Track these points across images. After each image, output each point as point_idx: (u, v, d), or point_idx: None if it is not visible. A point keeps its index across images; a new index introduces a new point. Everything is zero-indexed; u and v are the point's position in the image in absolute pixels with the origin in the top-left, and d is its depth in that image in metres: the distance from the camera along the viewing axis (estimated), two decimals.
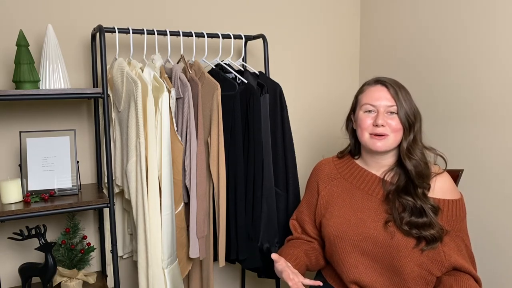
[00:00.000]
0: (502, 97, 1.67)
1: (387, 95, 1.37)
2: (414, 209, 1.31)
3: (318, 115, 2.31)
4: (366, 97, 1.40)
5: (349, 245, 1.38)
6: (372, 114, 1.38)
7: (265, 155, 1.72)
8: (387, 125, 1.35)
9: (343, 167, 1.51)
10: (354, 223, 1.38)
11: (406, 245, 1.31)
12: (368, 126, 1.38)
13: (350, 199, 1.43)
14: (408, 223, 1.31)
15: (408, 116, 1.35)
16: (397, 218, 1.32)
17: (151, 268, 1.52)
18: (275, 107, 1.77)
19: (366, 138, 1.39)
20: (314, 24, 2.25)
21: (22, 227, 1.62)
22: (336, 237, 1.41)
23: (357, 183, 1.45)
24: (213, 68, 1.79)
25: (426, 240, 1.29)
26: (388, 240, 1.32)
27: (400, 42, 2.11)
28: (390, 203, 1.36)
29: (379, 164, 1.44)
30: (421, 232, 1.29)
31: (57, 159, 1.59)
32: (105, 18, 1.76)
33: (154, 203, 1.52)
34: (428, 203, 1.32)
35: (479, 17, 1.73)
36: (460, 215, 1.36)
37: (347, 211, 1.42)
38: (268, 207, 1.73)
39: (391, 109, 1.36)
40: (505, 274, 1.69)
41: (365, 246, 1.35)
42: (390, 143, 1.36)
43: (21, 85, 1.45)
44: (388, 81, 1.39)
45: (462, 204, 1.38)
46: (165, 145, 1.54)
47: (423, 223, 1.29)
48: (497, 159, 1.70)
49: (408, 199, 1.32)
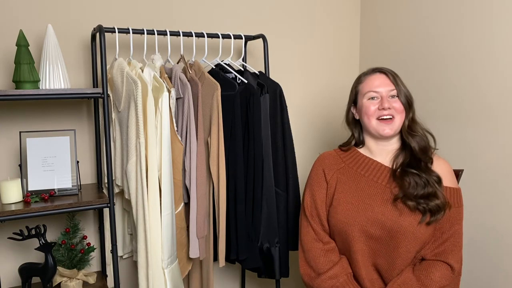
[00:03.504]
0: (502, 97, 1.67)
1: (387, 80, 1.46)
2: (419, 182, 1.39)
3: (318, 115, 2.31)
4: (368, 85, 1.48)
5: (357, 231, 1.41)
6: (376, 100, 1.46)
7: (265, 155, 1.72)
8: (392, 107, 1.44)
9: (347, 157, 1.54)
10: (362, 208, 1.42)
11: (410, 225, 1.36)
12: (374, 111, 1.45)
13: (356, 186, 1.47)
14: (415, 196, 1.37)
15: (407, 98, 1.46)
16: (406, 194, 1.38)
17: (151, 268, 1.52)
18: (275, 107, 1.77)
19: (374, 124, 1.45)
20: (314, 24, 2.25)
21: (22, 227, 1.62)
22: (345, 224, 1.43)
23: (362, 171, 1.49)
24: (213, 68, 1.79)
25: (431, 212, 1.36)
26: (395, 221, 1.37)
27: (399, 42, 2.11)
28: (397, 180, 1.42)
29: (385, 150, 1.49)
30: (427, 204, 1.35)
31: (57, 159, 1.59)
32: (105, 18, 1.75)
33: (154, 203, 1.52)
34: (433, 175, 1.40)
35: (479, 17, 1.73)
36: (461, 204, 1.43)
37: (354, 197, 1.45)
38: (268, 207, 1.73)
39: (392, 93, 1.45)
40: (505, 274, 1.69)
41: (373, 231, 1.39)
42: (397, 125, 1.44)
43: (21, 85, 1.45)
44: (386, 69, 1.50)
45: (460, 194, 1.44)
46: (165, 145, 1.54)
47: (428, 193, 1.37)
48: (497, 159, 1.69)
49: (414, 172, 1.40)
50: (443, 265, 1.38)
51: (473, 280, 1.80)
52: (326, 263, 1.46)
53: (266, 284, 2.23)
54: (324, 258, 1.47)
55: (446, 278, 1.36)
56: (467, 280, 1.78)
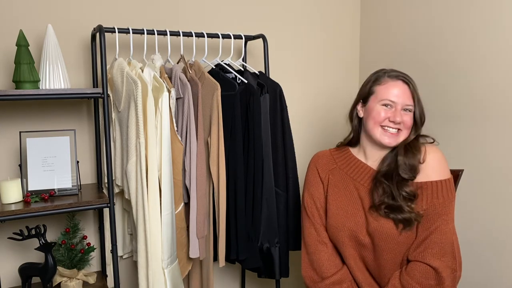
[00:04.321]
0: (502, 97, 1.67)
1: (408, 92, 1.38)
2: (389, 193, 1.35)
3: (318, 115, 2.31)
4: (387, 91, 1.38)
5: (346, 237, 1.40)
6: (389, 109, 1.38)
7: (265, 155, 1.72)
8: (402, 122, 1.38)
9: (340, 158, 1.52)
10: (351, 213, 1.40)
11: (389, 229, 1.34)
12: (383, 119, 1.38)
13: (345, 189, 1.45)
14: (385, 207, 1.34)
15: (421, 114, 1.40)
16: (376, 202, 1.36)
17: (151, 268, 1.52)
18: (275, 107, 1.77)
19: (378, 132, 1.39)
20: (314, 24, 2.25)
21: (22, 227, 1.62)
22: (335, 228, 1.42)
23: (352, 173, 1.46)
24: (213, 68, 1.79)
25: (402, 222, 1.32)
26: (375, 227, 1.35)
27: (400, 42, 2.11)
28: (373, 188, 1.39)
29: (378, 154, 1.45)
30: (396, 215, 1.32)
31: (57, 159, 1.59)
32: (105, 18, 1.75)
33: (154, 203, 1.52)
34: (405, 189, 1.34)
35: (479, 17, 1.73)
36: (449, 197, 1.34)
37: (344, 201, 1.43)
38: (268, 207, 1.73)
39: (409, 108, 1.38)
40: (505, 274, 1.69)
41: (361, 237, 1.38)
42: (401, 139, 1.39)
43: (21, 85, 1.45)
44: (409, 78, 1.40)
45: (450, 185, 1.35)
46: (165, 145, 1.54)
47: (394, 206, 1.33)
48: (497, 159, 1.69)
49: (385, 183, 1.36)
50: (422, 265, 1.29)
51: (473, 280, 1.80)
52: (331, 268, 1.44)
53: (266, 284, 2.23)
54: (328, 262, 1.45)
55: (429, 279, 1.28)
56: (467, 280, 1.78)
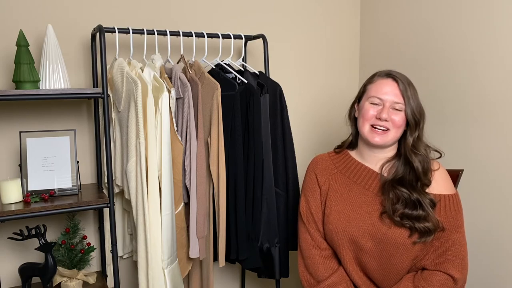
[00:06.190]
0: (502, 97, 1.67)
1: (396, 90, 1.37)
2: (408, 201, 1.32)
3: (318, 115, 2.31)
4: (375, 89, 1.39)
5: (346, 241, 1.39)
6: (377, 107, 1.38)
7: (265, 155, 1.72)
8: (390, 120, 1.36)
9: (340, 162, 1.50)
10: (353, 218, 1.38)
11: (400, 237, 1.32)
12: (371, 117, 1.38)
13: (348, 194, 1.43)
14: (401, 215, 1.32)
15: (414, 114, 1.36)
16: (389, 209, 1.33)
17: (151, 268, 1.52)
18: (275, 107, 1.77)
19: (366, 130, 1.39)
20: (314, 24, 2.25)
21: (22, 227, 1.62)
22: (335, 233, 1.41)
23: (354, 177, 1.45)
24: (213, 68, 1.79)
25: (419, 232, 1.31)
26: (385, 233, 1.33)
27: (399, 41, 2.11)
28: (385, 194, 1.37)
29: (376, 157, 1.44)
30: (414, 224, 1.30)
31: (57, 159, 1.59)
32: (105, 18, 1.75)
33: (154, 203, 1.52)
34: (427, 197, 1.33)
35: (480, 17, 1.73)
36: (460, 211, 1.37)
37: (346, 206, 1.41)
38: (268, 207, 1.73)
39: (397, 106, 1.37)
40: (505, 274, 1.69)
41: (363, 242, 1.36)
42: (390, 138, 1.38)
43: (21, 85, 1.45)
44: (399, 77, 1.39)
45: (458, 199, 1.39)
46: (165, 145, 1.54)
47: (418, 215, 1.31)
48: (497, 159, 1.69)
49: (403, 191, 1.34)
50: (444, 275, 1.33)
51: (473, 280, 1.80)
52: (326, 271, 1.44)
53: (266, 284, 2.23)
54: (323, 265, 1.45)
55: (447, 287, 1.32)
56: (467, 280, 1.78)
